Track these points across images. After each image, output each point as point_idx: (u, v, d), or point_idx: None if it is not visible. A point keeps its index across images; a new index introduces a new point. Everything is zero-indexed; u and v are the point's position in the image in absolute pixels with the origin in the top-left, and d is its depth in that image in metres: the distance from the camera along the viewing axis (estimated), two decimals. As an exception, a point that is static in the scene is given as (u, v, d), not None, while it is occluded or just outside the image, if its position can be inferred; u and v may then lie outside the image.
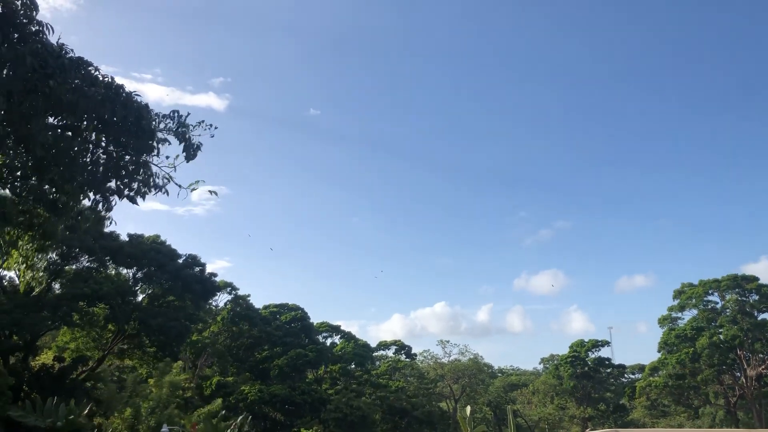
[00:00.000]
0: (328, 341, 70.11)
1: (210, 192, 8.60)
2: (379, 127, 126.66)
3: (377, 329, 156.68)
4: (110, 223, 8.56)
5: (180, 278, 43.36)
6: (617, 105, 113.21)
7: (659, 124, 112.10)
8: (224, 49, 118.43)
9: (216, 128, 8.36)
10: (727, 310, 60.74)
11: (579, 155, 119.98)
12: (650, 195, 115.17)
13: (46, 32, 7.54)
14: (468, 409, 12.97)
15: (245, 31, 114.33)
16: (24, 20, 7.30)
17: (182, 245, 78.10)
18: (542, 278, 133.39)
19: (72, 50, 7.74)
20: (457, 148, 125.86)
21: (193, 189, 8.47)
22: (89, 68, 7.85)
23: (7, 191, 8.73)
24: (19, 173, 8.13)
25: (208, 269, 46.69)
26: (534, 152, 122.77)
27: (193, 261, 45.21)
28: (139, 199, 8.06)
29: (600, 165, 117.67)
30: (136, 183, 8.02)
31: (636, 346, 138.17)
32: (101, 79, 7.88)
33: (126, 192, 8.18)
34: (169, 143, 8.38)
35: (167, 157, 8.45)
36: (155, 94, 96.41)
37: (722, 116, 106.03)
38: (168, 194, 8.37)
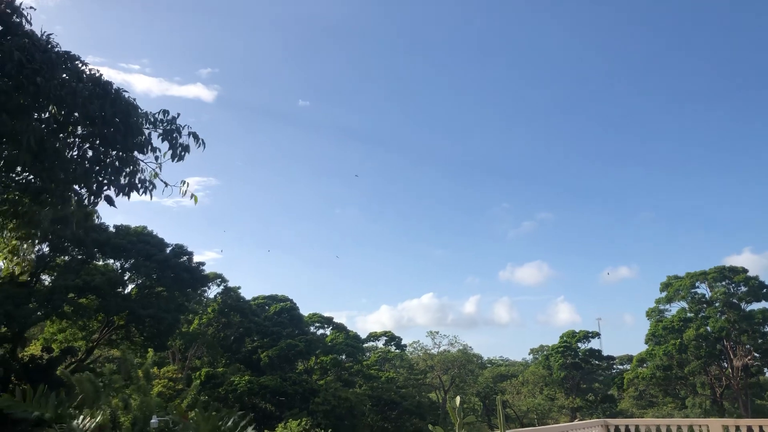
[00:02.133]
0: (319, 332, 70.22)
1: (192, 196, 8.51)
2: (364, 118, 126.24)
3: (364, 321, 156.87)
4: (97, 217, 8.49)
5: (168, 268, 43.27)
6: (597, 97, 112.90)
7: (640, 117, 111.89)
8: (212, 40, 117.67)
9: (203, 143, 8.32)
10: (716, 303, 61.22)
11: (559, 147, 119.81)
12: (631, 187, 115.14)
13: (31, 24, 7.48)
14: (457, 399, 13.01)
15: (233, 21, 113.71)
16: (8, 10, 7.20)
17: (172, 237, 77.84)
18: (527, 270, 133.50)
19: (58, 44, 7.67)
20: (439, 138, 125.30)
21: (184, 193, 8.43)
22: (76, 62, 7.77)
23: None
24: (2, 164, 8.07)
25: (199, 261, 46.72)
26: (513, 143, 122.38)
27: (180, 251, 45.13)
28: (123, 196, 8.06)
29: (580, 156, 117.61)
30: (123, 179, 7.99)
31: (622, 337, 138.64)
32: (89, 73, 7.80)
33: (111, 188, 8.15)
34: (159, 149, 8.33)
35: (156, 158, 8.41)
36: (143, 84, 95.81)
37: (702, 110, 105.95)
38: (155, 187, 8.33)
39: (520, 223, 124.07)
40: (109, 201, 8.47)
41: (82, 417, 17.21)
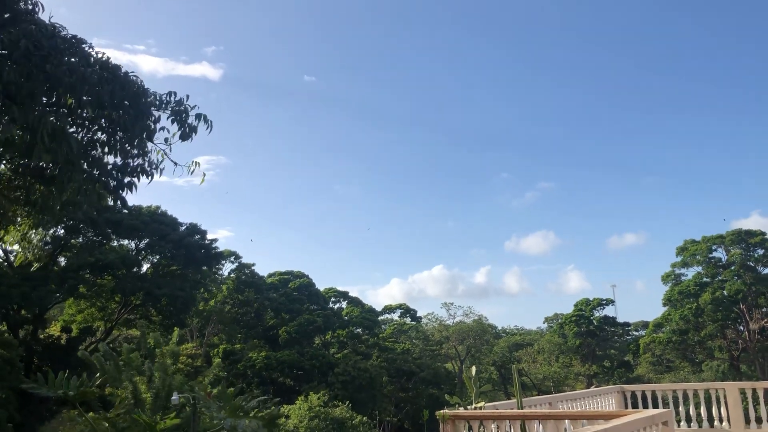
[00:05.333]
0: (336, 306, 70.65)
1: (203, 174, 8.55)
2: (368, 91, 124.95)
3: (376, 294, 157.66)
4: (111, 200, 8.57)
5: (182, 247, 43.66)
6: (592, 61, 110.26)
7: (637, 82, 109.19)
8: (216, 17, 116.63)
9: (211, 125, 8.34)
10: (733, 266, 60.99)
11: (554, 115, 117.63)
12: (632, 153, 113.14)
13: (38, 10, 7.46)
14: (473, 369, 13.10)
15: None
16: (15, -2, 7.20)
17: (183, 215, 78.03)
18: (533, 240, 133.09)
19: (66, 29, 7.65)
20: (437, 109, 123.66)
21: (192, 172, 8.46)
22: (83, 46, 7.76)
23: (3, 167, 8.72)
24: (15, 152, 8.10)
25: (212, 238, 47.01)
26: (508, 111, 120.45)
27: (194, 229, 45.46)
28: (133, 178, 8.10)
29: (577, 125, 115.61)
30: (133, 161, 8.02)
31: (634, 303, 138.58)
32: (96, 57, 7.79)
33: (123, 176, 8.21)
34: (168, 130, 8.35)
35: (165, 139, 8.42)
36: (149, 65, 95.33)
37: (701, 73, 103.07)
38: (163, 171, 8.36)
39: (522, 194, 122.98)
40: (123, 203, 8.57)
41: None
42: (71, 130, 7.56)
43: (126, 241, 43.56)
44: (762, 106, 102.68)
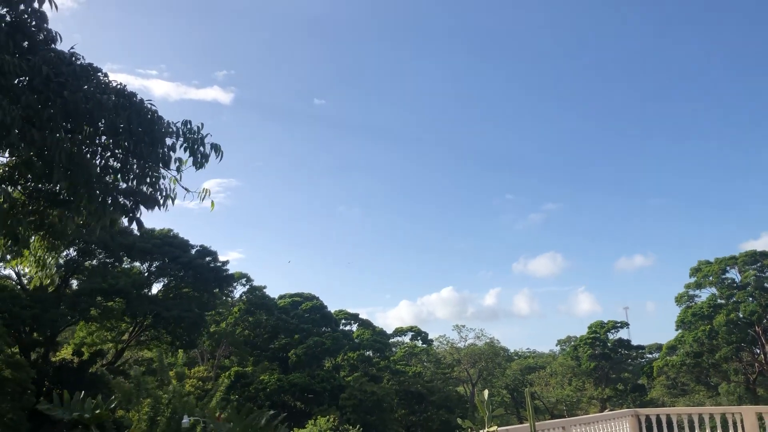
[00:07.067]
0: (346, 328, 70.45)
1: (211, 202, 8.62)
2: (373, 112, 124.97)
3: (385, 316, 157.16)
4: (122, 223, 8.68)
5: (192, 268, 43.88)
6: (598, 83, 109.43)
7: (641, 103, 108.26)
8: (227, 42, 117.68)
9: (222, 154, 8.44)
10: (747, 287, 60.35)
11: (557, 137, 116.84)
12: (637, 175, 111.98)
13: (56, 39, 7.61)
14: (485, 393, 12.99)
15: (246, 22, 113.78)
16: (33, 28, 7.34)
17: (194, 238, 78.36)
18: (541, 261, 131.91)
19: (83, 57, 7.81)
20: (440, 130, 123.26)
21: (203, 198, 8.53)
22: (98, 74, 7.89)
23: (18, 192, 8.80)
24: (30, 176, 8.17)
25: (223, 260, 47.16)
26: (510, 133, 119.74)
27: (204, 251, 45.68)
28: (147, 210, 8.20)
29: (580, 147, 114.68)
30: (146, 189, 8.09)
31: (646, 325, 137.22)
32: (112, 85, 7.93)
33: (140, 207, 8.30)
34: (181, 159, 8.43)
35: (178, 168, 8.49)
36: (161, 89, 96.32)
37: (703, 90, 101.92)
38: (174, 199, 8.43)
39: (527, 215, 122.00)
40: (139, 224, 8.65)
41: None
42: (85, 157, 7.65)
43: (137, 263, 43.81)
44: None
